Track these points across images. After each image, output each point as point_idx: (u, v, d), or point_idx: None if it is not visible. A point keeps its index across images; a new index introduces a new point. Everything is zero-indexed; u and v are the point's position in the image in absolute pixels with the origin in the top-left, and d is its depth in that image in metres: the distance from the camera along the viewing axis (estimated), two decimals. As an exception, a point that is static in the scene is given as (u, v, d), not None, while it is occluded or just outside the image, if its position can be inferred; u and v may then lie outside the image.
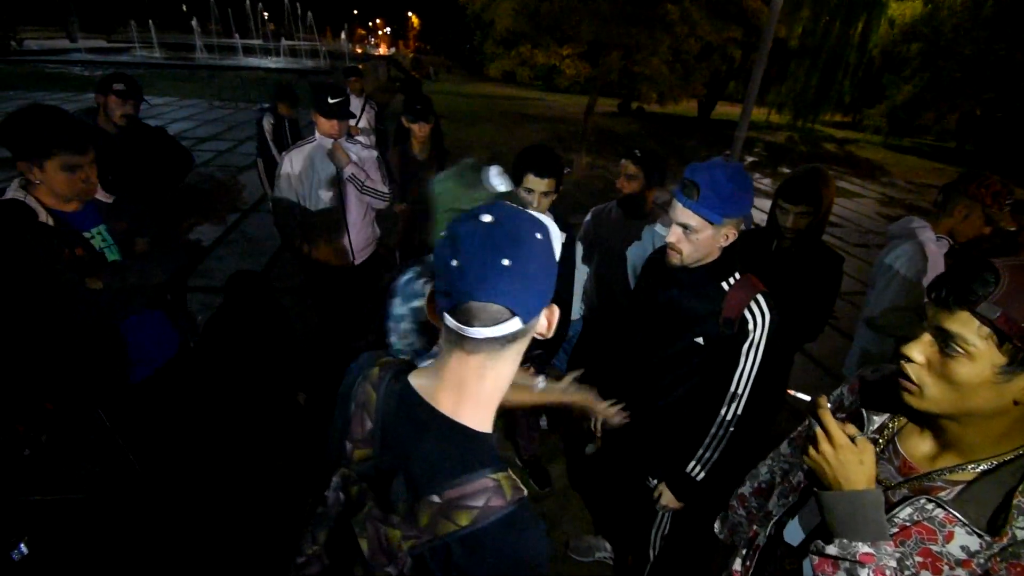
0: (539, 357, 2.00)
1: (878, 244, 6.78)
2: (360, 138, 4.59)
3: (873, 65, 13.11)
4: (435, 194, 1.19)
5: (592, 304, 2.52)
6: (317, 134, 2.60)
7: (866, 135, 17.92)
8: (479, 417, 0.69)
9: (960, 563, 0.72)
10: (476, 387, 0.68)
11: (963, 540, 0.72)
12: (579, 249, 2.44)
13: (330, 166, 2.61)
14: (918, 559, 0.75)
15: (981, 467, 0.75)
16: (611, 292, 2.41)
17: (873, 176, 11.61)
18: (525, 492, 0.67)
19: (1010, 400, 0.70)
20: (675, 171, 3.28)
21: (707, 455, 1.49)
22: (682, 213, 1.33)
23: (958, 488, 0.75)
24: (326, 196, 2.66)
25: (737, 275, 1.42)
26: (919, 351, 0.74)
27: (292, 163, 2.62)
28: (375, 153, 2.77)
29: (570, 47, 8.38)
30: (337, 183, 2.64)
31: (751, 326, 1.37)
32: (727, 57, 8.99)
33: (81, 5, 25.22)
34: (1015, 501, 0.70)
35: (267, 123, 4.42)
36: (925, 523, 0.75)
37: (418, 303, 1.21)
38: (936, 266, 1.90)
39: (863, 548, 0.73)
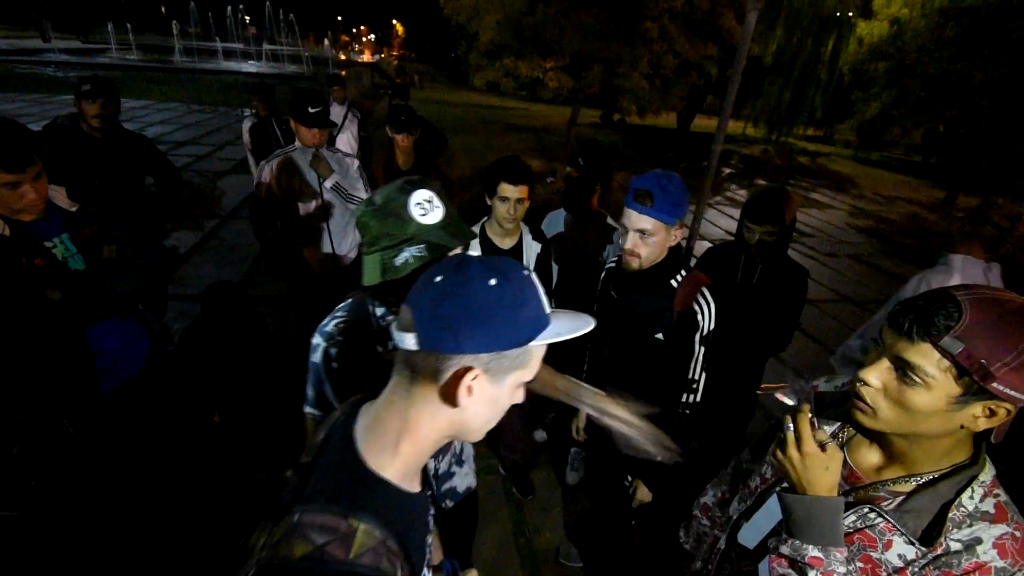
0: None
1: (848, 254, 7.01)
2: (341, 145, 4.58)
3: (843, 82, 13.58)
4: (359, 227, 1.07)
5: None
6: (297, 142, 2.59)
7: (837, 149, 18.50)
8: (381, 459, 0.66)
9: (896, 570, 0.75)
10: (386, 425, 0.66)
11: (900, 549, 0.76)
12: None
13: (311, 174, 2.60)
14: (859, 564, 0.79)
15: (922, 480, 0.78)
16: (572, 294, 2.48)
17: (843, 188, 12.00)
18: (382, 565, 0.60)
19: (957, 425, 0.72)
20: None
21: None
22: (638, 219, 1.44)
23: (899, 499, 0.78)
24: (307, 204, 2.66)
25: (683, 272, 1.54)
26: (876, 376, 0.75)
27: (272, 171, 2.61)
28: (356, 162, 2.77)
29: (553, 60, 8.51)
30: (318, 192, 2.63)
31: (700, 317, 1.49)
32: (704, 73, 9.23)
33: (56, 6, 24.61)
34: (950, 515, 0.73)
35: (246, 125, 4.33)
36: (867, 531, 0.79)
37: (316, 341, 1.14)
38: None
39: (812, 552, 0.76)
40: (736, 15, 8.19)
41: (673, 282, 1.54)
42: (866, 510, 0.79)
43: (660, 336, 1.56)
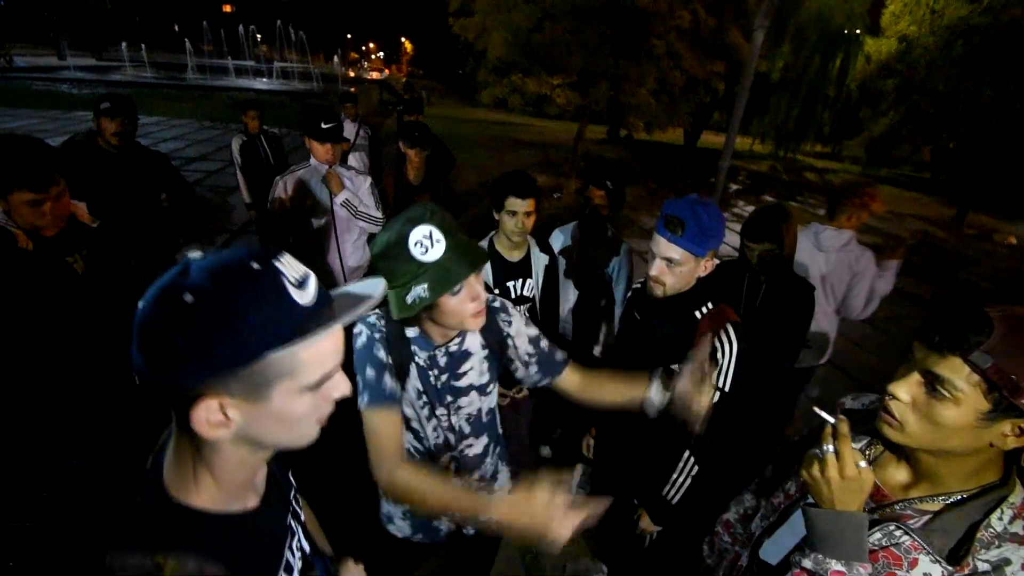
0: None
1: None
2: (353, 162, 4.61)
3: (851, 99, 13.64)
4: (378, 270, 1.06)
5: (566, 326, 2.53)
6: (312, 160, 2.61)
7: (845, 165, 18.50)
8: (187, 491, 0.62)
9: None
10: (182, 459, 0.62)
11: (926, 567, 0.74)
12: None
13: (324, 191, 2.61)
14: None
15: (950, 499, 0.77)
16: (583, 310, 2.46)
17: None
18: None
19: (986, 442, 0.72)
20: (663, 198, 3.34)
21: (680, 479, 1.53)
22: (667, 248, 1.38)
23: (925, 518, 0.77)
24: (319, 220, 2.66)
25: (710, 304, 1.48)
26: (905, 391, 0.75)
27: (286, 187, 2.62)
28: (369, 179, 2.79)
29: (560, 77, 8.59)
30: (329, 207, 2.64)
31: (719, 354, 1.41)
32: (711, 89, 9.28)
33: (72, 24, 25.23)
34: (978, 535, 0.72)
35: (235, 144, 4.26)
36: (892, 548, 0.77)
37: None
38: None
39: (835, 566, 0.75)
40: (743, 32, 8.25)
41: (697, 313, 1.47)
42: (892, 528, 0.78)
43: (676, 368, 1.47)
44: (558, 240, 2.54)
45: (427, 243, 1.01)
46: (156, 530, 0.59)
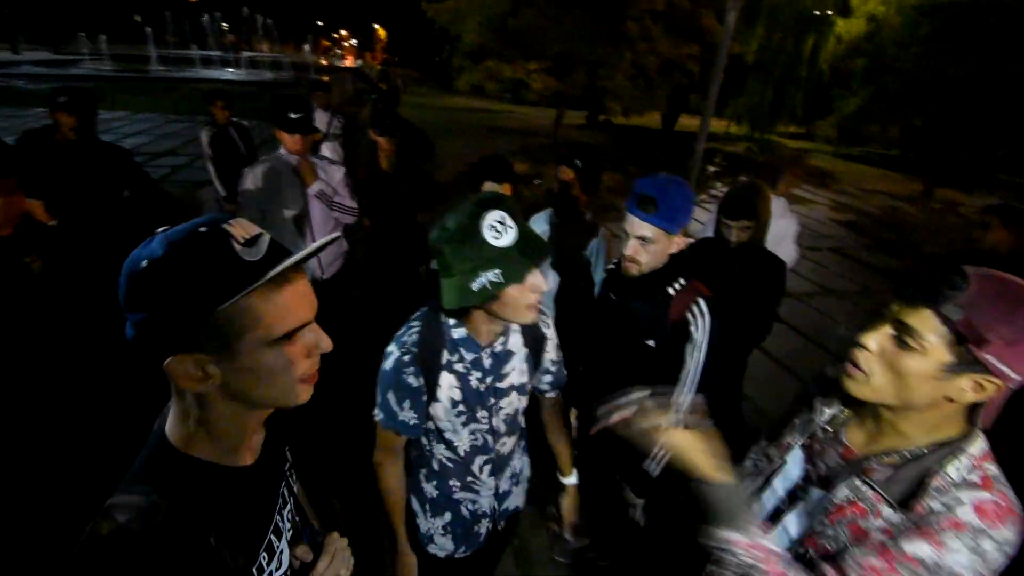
0: None
1: (830, 247, 7.10)
2: (326, 152, 4.53)
3: (823, 79, 13.79)
4: (432, 251, 1.05)
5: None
6: (282, 149, 2.55)
7: (818, 145, 18.77)
8: (188, 441, 0.66)
9: (880, 530, 0.79)
10: (183, 414, 0.66)
11: (888, 516, 0.79)
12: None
13: (295, 182, 2.56)
14: (849, 532, 0.82)
15: (908, 454, 0.81)
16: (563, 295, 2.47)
17: (824, 184, 12.14)
18: (187, 537, 0.60)
19: (944, 396, 0.75)
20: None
21: (660, 453, 1.55)
22: (640, 226, 1.40)
23: (889, 471, 0.81)
24: (291, 212, 2.61)
25: (682, 280, 1.50)
26: (875, 341, 0.79)
27: (256, 179, 2.56)
28: (342, 169, 2.74)
29: (537, 62, 8.53)
30: (302, 198, 2.59)
31: (693, 327, 1.45)
32: (687, 72, 9.30)
33: (28, 18, 24.06)
34: (934, 483, 0.76)
35: (204, 135, 4.15)
36: (859, 502, 0.82)
37: (389, 348, 1.18)
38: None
39: (728, 535, 0.81)
40: (716, 14, 8.27)
41: (670, 289, 1.49)
42: (857, 483, 0.83)
43: (652, 344, 1.52)
44: (535, 226, 2.53)
45: (501, 228, 0.98)
46: (156, 473, 0.63)
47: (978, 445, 0.78)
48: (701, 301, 1.46)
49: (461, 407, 1.21)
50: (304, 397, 0.68)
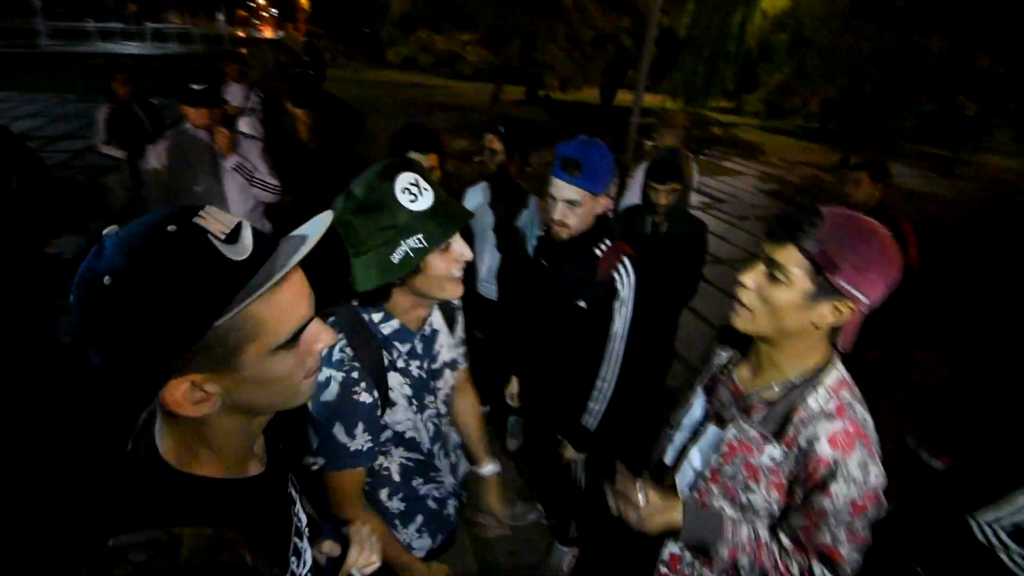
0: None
1: (758, 216, 7.45)
2: (244, 128, 4.19)
3: (751, 54, 14.32)
4: (340, 228, 0.92)
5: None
6: (187, 124, 2.31)
7: (746, 119, 19.59)
8: (189, 462, 0.58)
9: (771, 471, 0.89)
10: (178, 433, 0.58)
11: (771, 452, 0.89)
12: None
13: (205, 158, 2.33)
14: (745, 471, 0.92)
15: (783, 387, 0.92)
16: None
17: (753, 156, 12.75)
18: (223, 558, 0.55)
19: (811, 324, 0.86)
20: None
21: (595, 407, 1.65)
22: (566, 189, 1.43)
23: (766, 410, 0.92)
24: (203, 190, 2.38)
25: (608, 241, 1.56)
26: (751, 278, 0.89)
27: (160, 157, 2.32)
28: (259, 144, 2.53)
29: (470, 33, 8.27)
30: (215, 175, 2.37)
31: (619, 285, 1.52)
32: (621, 46, 9.34)
33: None
34: (797, 416, 0.87)
35: (101, 114, 3.71)
36: (745, 441, 0.93)
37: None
38: None
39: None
40: (647, -13, 8.30)
41: (597, 251, 1.55)
42: (743, 424, 0.93)
43: (583, 305, 1.59)
44: (472, 200, 2.46)
45: (416, 191, 0.91)
46: (164, 502, 0.55)
47: (834, 375, 0.89)
48: (626, 260, 1.53)
49: (414, 402, 1.14)
50: (309, 394, 0.63)
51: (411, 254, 0.90)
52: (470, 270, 2.45)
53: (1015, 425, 1.18)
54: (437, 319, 1.20)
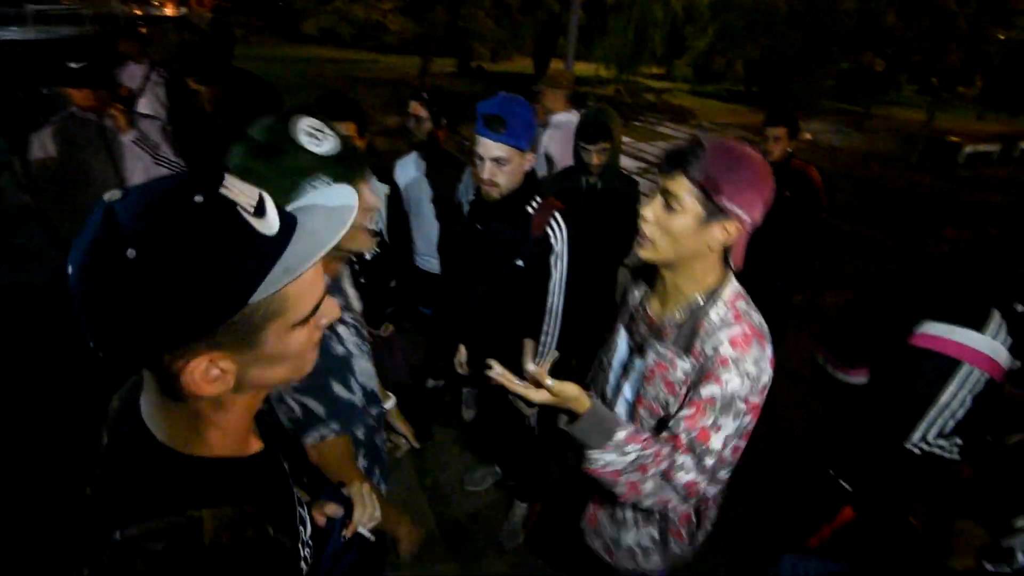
0: (393, 314, 2.08)
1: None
2: (145, 109, 3.86)
3: (678, 18, 14.55)
4: (238, 173, 0.86)
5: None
6: (73, 107, 2.09)
7: (677, 84, 20.03)
8: (192, 444, 0.55)
9: (683, 383, 0.98)
10: (176, 416, 0.55)
11: (682, 366, 0.98)
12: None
13: (96, 140, 2.13)
14: (664, 389, 1.01)
15: (688, 309, 1.00)
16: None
17: (684, 120, 13.13)
18: (248, 534, 0.54)
19: (706, 246, 0.93)
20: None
21: (539, 361, 1.63)
22: (492, 147, 1.43)
23: (676, 331, 1.01)
24: (100, 175, 2.18)
25: (539, 198, 1.58)
26: (651, 211, 0.96)
27: (45, 146, 2.09)
28: (157, 121, 2.33)
29: (392, 0, 7.88)
30: (112, 159, 2.16)
31: (553, 240, 1.56)
32: (551, 12, 9.22)
33: None
34: (701, 329, 0.95)
35: None
36: (662, 361, 1.01)
37: None
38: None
39: (595, 454, 0.95)
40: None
41: (529, 208, 1.57)
42: (658, 347, 1.01)
43: (521, 263, 1.61)
44: (404, 172, 2.39)
45: (320, 135, 0.86)
46: (174, 488, 0.53)
47: (730, 289, 0.98)
48: (557, 215, 1.56)
49: (362, 350, 1.13)
50: (311, 367, 0.62)
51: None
52: (408, 244, 2.40)
53: (906, 337, 1.29)
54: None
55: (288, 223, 0.51)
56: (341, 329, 1.06)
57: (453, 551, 2.07)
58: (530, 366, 0.97)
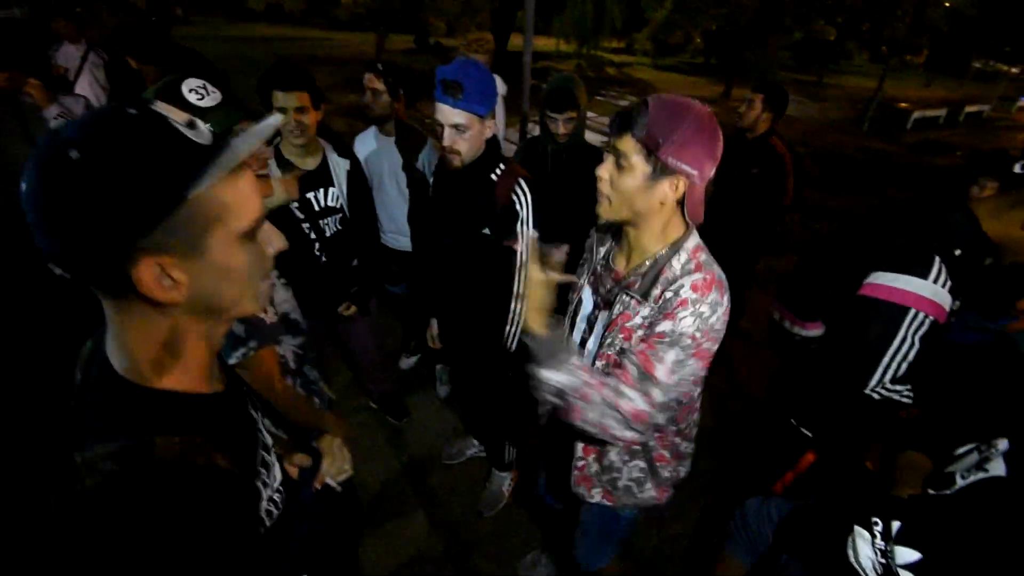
0: (356, 294, 2.06)
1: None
2: (82, 88, 3.63)
3: (636, -10, 14.47)
4: None
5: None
6: (-12, 88, 1.93)
7: (638, 58, 20.06)
8: (151, 376, 0.58)
9: (639, 326, 1.03)
10: (135, 347, 0.57)
11: (641, 312, 1.02)
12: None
13: (11, 122, 1.99)
14: (621, 335, 1.05)
15: (650, 261, 1.04)
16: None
17: (646, 93, 13.02)
18: (198, 460, 0.56)
19: (658, 202, 0.97)
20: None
21: (512, 329, 1.71)
22: (451, 114, 1.40)
23: (638, 280, 1.04)
24: (17, 154, 2.04)
25: (503, 165, 1.58)
26: (605, 170, 0.99)
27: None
28: (82, 99, 2.19)
29: (341, -27, 7.55)
30: (28, 135, 2.03)
31: (518, 207, 1.56)
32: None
33: None
34: (663, 275, 1.00)
35: None
36: (626, 312, 1.05)
37: None
38: None
39: (544, 374, 1.01)
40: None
41: (493, 176, 1.56)
42: (624, 297, 1.05)
43: (487, 232, 1.60)
44: (362, 146, 2.32)
45: (204, 91, 1.00)
46: (130, 417, 0.55)
47: (692, 241, 1.03)
48: (521, 181, 1.55)
49: (283, 281, 1.33)
50: (265, 300, 0.64)
51: None
52: (368, 219, 2.34)
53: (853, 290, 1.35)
54: None
55: (221, 138, 0.54)
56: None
57: (432, 521, 2.08)
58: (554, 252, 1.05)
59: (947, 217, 1.31)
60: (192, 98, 0.98)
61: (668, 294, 0.97)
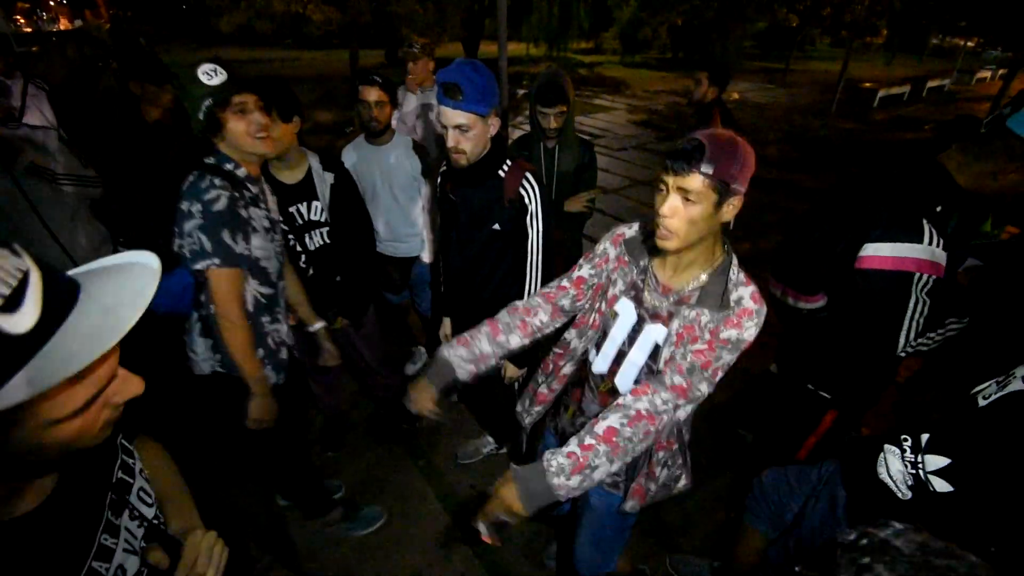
0: (345, 306, 2.05)
1: (633, 146, 7.96)
2: (32, 120, 3.52)
3: (601, -9, 14.72)
4: (190, 109, 1.35)
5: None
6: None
7: (607, 57, 20.30)
8: None
9: (704, 328, 1.11)
10: None
11: (705, 318, 1.10)
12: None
13: None
14: (690, 345, 1.11)
15: (706, 274, 1.13)
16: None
17: (619, 91, 13.35)
18: None
19: (718, 223, 1.07)
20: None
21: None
22: (453, 115, 1.44)
23: (697, 292, 1.13)
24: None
25: (509, 162, 1.61)
26: (670, 208, 1.04)
27: None
28: (53, 132, 2.08)
29: (310, -9, 7.55)
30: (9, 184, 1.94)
31: (527, 201, 1.60)
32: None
33: None
34: (731, 281, 1.11)
35: None
36: (688, 325, 1.12)
37: (211, 195, 1.31)
38: None
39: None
40: (489, -73, 8.09)
41: (500, 172, 1.59)
42: (684, 310, 1.12)
43: (498, 227, 1.63)
44: (351, 158, 2.32)
45: (213, 73, 1.33)
46: None
47: (734, 258, 1.15)
48: (528, 175, 1.59)
49: (269, 232, 1.47)
50: (104, 437, 0.55)
51: (205, 111, 1.33)
52: (362, 234, 2.32)
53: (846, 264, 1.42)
54: (267, 189, 1.56)
55: (52, 314, 0.43)
56: (253, 209, 1.41)
57: (457, 523, 2.08)
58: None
59: (921, 179, 1.37)
60: (204, 78, 1.31)
61: (731, 301, 1.09)
